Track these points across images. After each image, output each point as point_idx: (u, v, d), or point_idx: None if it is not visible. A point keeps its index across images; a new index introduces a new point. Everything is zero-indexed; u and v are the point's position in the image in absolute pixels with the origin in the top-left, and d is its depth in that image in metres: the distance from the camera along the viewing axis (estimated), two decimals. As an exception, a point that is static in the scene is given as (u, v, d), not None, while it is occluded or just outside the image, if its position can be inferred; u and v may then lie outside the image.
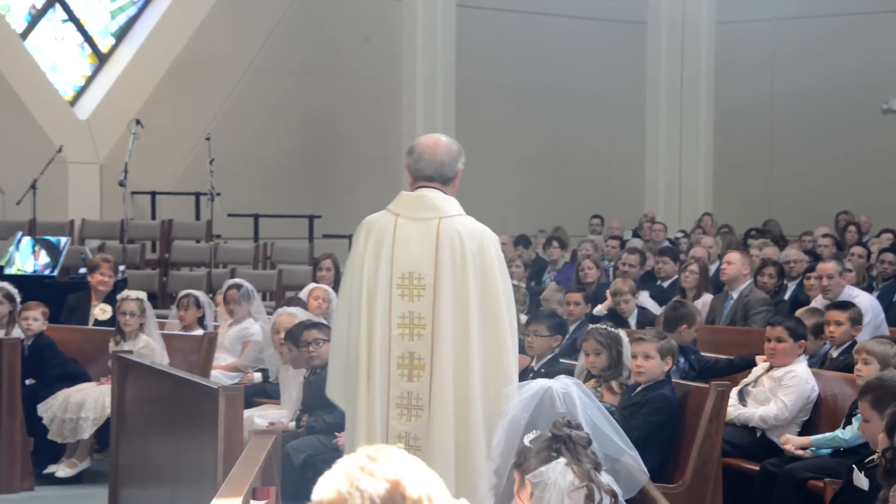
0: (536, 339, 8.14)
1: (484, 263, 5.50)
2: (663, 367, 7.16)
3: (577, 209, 20.83)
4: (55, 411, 9.84)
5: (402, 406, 5.43)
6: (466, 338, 5.39)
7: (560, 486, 4.03)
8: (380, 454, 2.36)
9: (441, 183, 5.68)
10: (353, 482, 2.31)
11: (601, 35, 22.27)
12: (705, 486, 6.86)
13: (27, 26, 18.22)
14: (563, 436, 4.10)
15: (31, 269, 13.41)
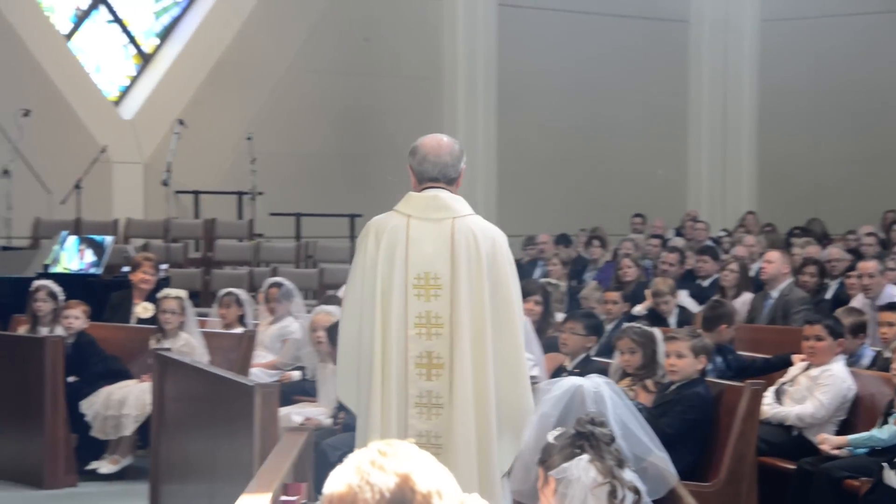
0: (572, 336, 8.14)
1: (496, 262, 5.58)
2: (696, 365, 7.16)
3: (618, 208, 20.78)
4: (98, 408, 9.95)
5: (422, 405, 5.47)
6: (483, 336, 5.45)
7: (583, 483, 4.05)
8: (390, 449, 2.39)
9: (446, 183, 5.72)
10: (364, 476, 2.34)
11: (643, 34, 22.21)
12: (739, 485, 6.86)
13: (72, 27, 18.39)
14: (587, 433, 4.13)
15: (76, 267, 13.53)
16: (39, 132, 16.57)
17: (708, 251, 13.47)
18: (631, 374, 7.60)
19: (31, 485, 9.55)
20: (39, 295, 10.60)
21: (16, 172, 15.66)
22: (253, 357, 10.41)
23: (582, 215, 20.40)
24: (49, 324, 10.52)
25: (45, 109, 16.79)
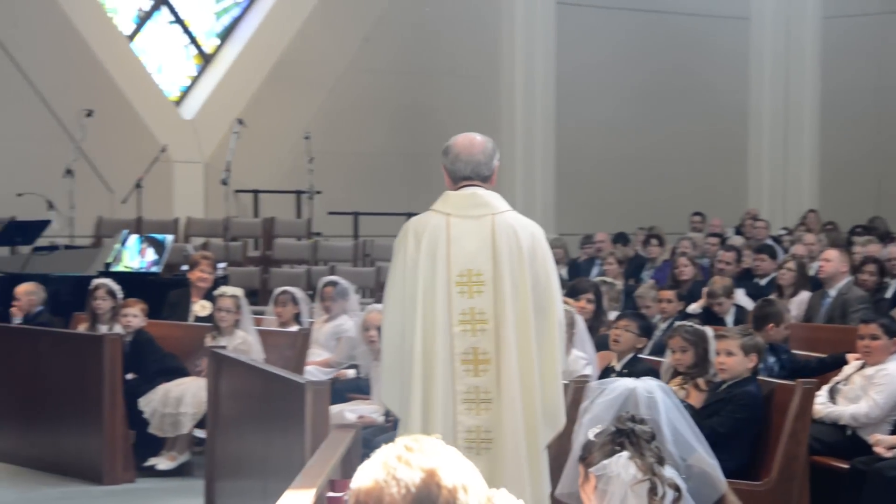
0: (625, 334, 8.10)
1: (536, 257, 5.61)
2: (747, 363, 7.12)
3: (678, 206, 20.71)
4: (155, 405, 10.05)
5: (470, 401, 5.50)
6: (527, 330, 5.51)
7: (623, 479, 4.06)
8: (417, 444, 2.42)
9: (480, 181, 5.74)
10: (390, 471, 2.37)
11: (704, 31, 22.11)
12: (791, 484, 6.82)
13: (134, 28, 18.57)
14: (627, 430, 4.13)
15: (137, 265, 13.67)
16: (102, 132, 16.76)
17: (765, 250, 13.39)
18: (682, 373, 7.58)
19: (90, 480, 9.66)
20: (98, 293, 10.72)
21: (79, 172, 15.84)
22: (308, 355, 10.50)
23: (641, 214, 20.34)
24: (108, 322, 10.64)
25: (108, 110, 16.98)
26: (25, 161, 16.56)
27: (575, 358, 7.73)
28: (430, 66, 20.03)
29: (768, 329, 8.68)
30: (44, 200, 15.03)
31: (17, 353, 10.44)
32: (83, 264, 13.59)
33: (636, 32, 21.52)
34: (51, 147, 16.58)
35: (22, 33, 16.85)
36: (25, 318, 11.32)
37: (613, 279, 12.50)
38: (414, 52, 19.90)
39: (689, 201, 20.81)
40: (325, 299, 10.97)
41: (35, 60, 16.95)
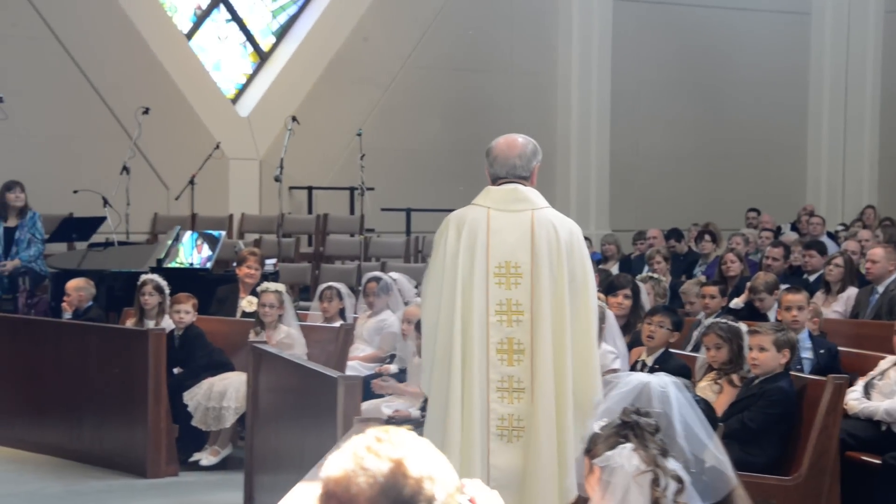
0: (660, 330, 8.11)
1: (573, 252, 5.74)
2: (780, 359, 7.12)
3: (735, 203, 20.62)
4: (199, 399, 10.15)
5: (503, 389, 5.62)
6: (562, 323, 5.63)
7: (626, 471, 4.07)
8: (386, 435, 2.45)
9: (520, 181, 5.93)
10: (359, 461, 2.41)
11: (763, 27, 21.98)
12: (821, 479, 6.80)
13: (192, 26, 18.75)
14: (632, 422, 4.15)
15: (195, 261, 13.83)
16: (159, 130, 16.93)
17: (815, 246, 13.30)
18: (717, 369, 7.58)
19: (134, 474, 9.77)
20: (146, 289, 10.85)
21: (135, 169, 16.01)
22: (352, 350, 10.59)
23: (696, 210, 20.26)
24: (155, 317, 10.78)
25: (165, 107, 17.16)
26: (83, 158, 16.78)
27: (604, 352, 7.75)
28: (485, 62, 20.06)
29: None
30: (100, 197, 15.21)
31: (66, 348, 10.58)
32: (137, 260, 13.75)
33: (693, 28, 21.43)
34: (108, 144, 16.77)
35: (81, 32, 17.07)
36: (76, 313, 11.48)
37: (660, 275, 12.45)
38: (469, 48, 19.94)
39: (746, 197, 20.72)
40: (368, 295, 11.04)
41: (94, 58, 17.16)
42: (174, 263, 13.70)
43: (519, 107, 20.18)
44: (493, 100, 20.05)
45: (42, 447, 10.50)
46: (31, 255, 13.91)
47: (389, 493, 2.38)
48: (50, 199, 15.52)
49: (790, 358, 7.17)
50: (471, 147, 19.78)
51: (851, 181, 22.59)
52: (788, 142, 22.47)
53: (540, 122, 20.48)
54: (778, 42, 22.15)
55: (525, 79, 20.33)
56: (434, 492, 2.41)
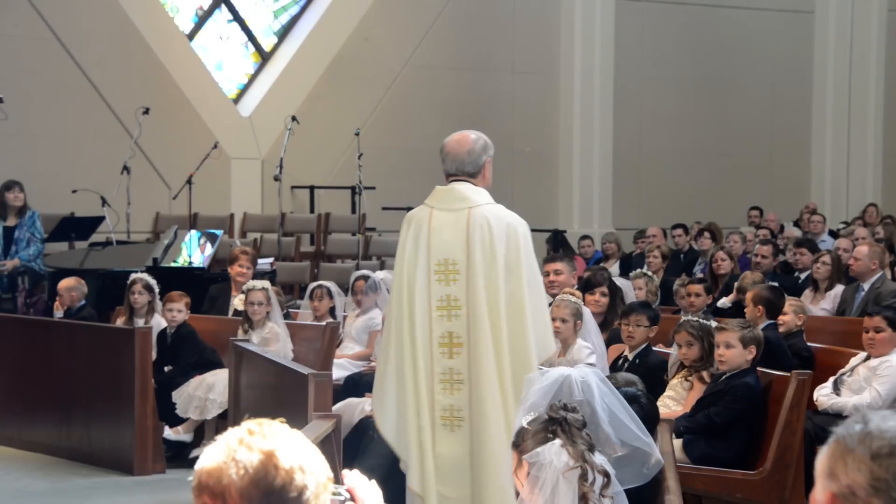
0: (638, 329, 8.18)
1: (510, 247, 5.88)
2: (746, 355, 7.17)
3: (738, 201, 20.63)
4: (188, 391, 10.26)
5: (445, 381, 5.84)
6: (497, 315, 5.80)
7: (555, 466, 4.14)
8: (259, 428, 2.51)
9: (467, 177, 6.11)
10: (231, 453, 2.47)
11: (766, 25, 21.99)
12: (786, 473, 6.85)
13: (194, 27, 18.83)
14: (559, 418, 4.21)
15: (198, 260, 13.91)
16: (160, 129, 17.03)
17: (805, 244, 13.32)
18: (689, 366, 7.63)
19: (121, 471, 9.85)
20: (136, 288, 10.94)
21: (136, 169, 16.09)
22: (342, 348, 10.66)
23: (700, 209, 20.27)
24: (144, 315, 10.87)
25: (166, 107, 17.25)
26: (83, 158, 16.87)
27: (579, 347, 7.81)
28: (487, 62, 20.11)
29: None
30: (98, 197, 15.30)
31: (55, 347, 10.67)
32: (135, 260, 13.83)
33: (696, 27, 21.46)
34: (109, 144, 16.86)
35: (83, 32, 17.16)
36: (68, 312, 11.58)
37: (654, 273, 12.49)
38: (471, 48, 19.99)
39: (750, 196, 20.74)
40: (356, 293, 11.09)
41: (95, 59, 17.25)
42: (176, 262, 13.80)
43: (521, 106, 20.23)
44: (496, 99, 20.10)
45: (32, 445, 10.59)
46: (31, 254, 14.02)
47: (260, 484, 2.44)
48: (50, 199, 15.63)
49: (756, 354, 7.21)
50: (473, 146, 19.88)
51: (855, 179, 22.58)
52: (792, 140, 22.47)
53: (542, 122, 20.55)
54: (781, 40, 22.15)
55: (527, 78, 20.38)
56: (305, 482, 2.47)
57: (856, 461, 2.23)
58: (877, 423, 2.26)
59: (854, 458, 2.24)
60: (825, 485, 2.27)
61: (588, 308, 8.40)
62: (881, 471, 2.21)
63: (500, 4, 20.18)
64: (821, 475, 2.29)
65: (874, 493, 2.21)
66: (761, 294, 9.05)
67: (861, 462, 2.23)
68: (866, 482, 2.22)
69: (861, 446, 2.24)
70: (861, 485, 2.22)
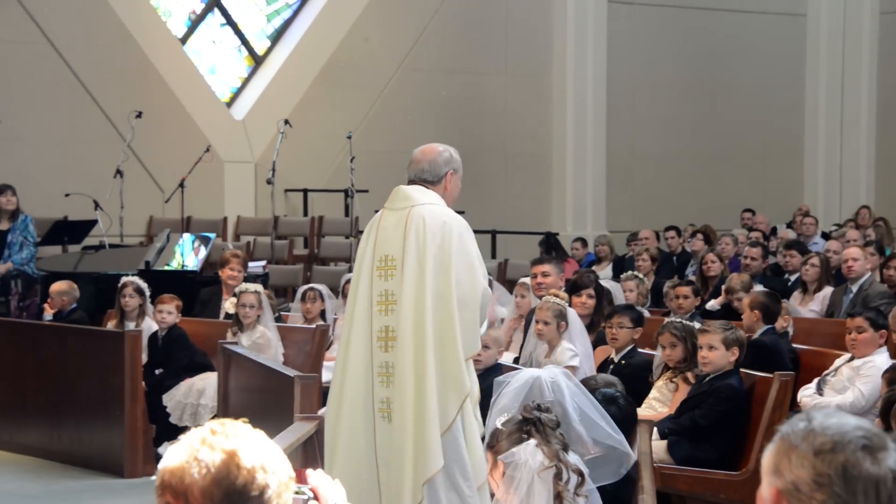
0: (621, 331, 8.23)
1: (442, 244, 6.01)
2: (729, 357, 7.22)
3: (732, 204, 20.68)
4: (179, 397, 10.31)
5: (383, 374, 6.02)
6: (423, 311, 5.95)
7: (530, 466, 4.19)
8: (222, 428, 2.56)
9: (426, 185, 6.27)
10: (193, 453, 2.51)
11: (758, 28, 22.04)
12: (768, 475, 6.87)
13: (186, 31, 18.87)
14: (533, 418, 4.26)
15: (192, 264, 13.95)
16: (153, 133, 17.08)
17: (795, 245, 13.37)
18: (672, 368, 7.67)
19: (112, 473, 9.90)
20: (126, 291, 11.00)
21: (130, 172, 16.13)
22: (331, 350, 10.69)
23: (694, 211, 20.32)
24: (136, 318, 10.92)
25: (160, 111, 17.29)
26: (76, 162, 16.91)
27: (563, 349, 7.86)
28: (480, 64, 20.15)
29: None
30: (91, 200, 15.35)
31: (46, 350, 10.71)
32: (128, 263, 13.87)
33: (689, 29, 21.51)
34: (102, 148, 16.90)
35: (75, 36, 17.19)
36: (59, 315, 11.62)
37: (644, 276, 12.53)
38: (464, 51, 20.03)
39: (743, 198, 20.79)
40: (345, 296, 11.11)
41: (88, 62, 17.28)
42: (170, 266, 13.83)
43: (514, 109, 20.28)
44: (489, 102, 20.15)
45: (24, 448, 10.65)
46: (24, 257, 14.08)
47: (222, 483, 2.49)
48: (43, 203, 15.68)
49: (739, 355, 7.25)
50: (466, 149, 19.78)
51: (848, 181, 22.61)
52: (785, 142, 22.53)
53: (536, 124, 20.59)
54: (774, 43, 22.20)
55: (520, 81, 20.42)
56: (267, 481, 2.52)
57: (799, 457, 2.29)
58: (820, 421, 2.31)
59: (798, 454, 2.29)
60: (770, 481, 2.33)
61: (575, 310, 8.45)
62: (824, 466, 2.26)
63: (493, 7, 20.22)
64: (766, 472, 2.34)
65: (817, 488, 2.26)
66: (758, 299, 9.08)
67: (804, 458, 2.28)
68: (809, 478, 2.27)
69: (804, 443, 2.29)
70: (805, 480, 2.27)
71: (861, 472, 2.25)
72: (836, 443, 2.28)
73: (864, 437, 2.29)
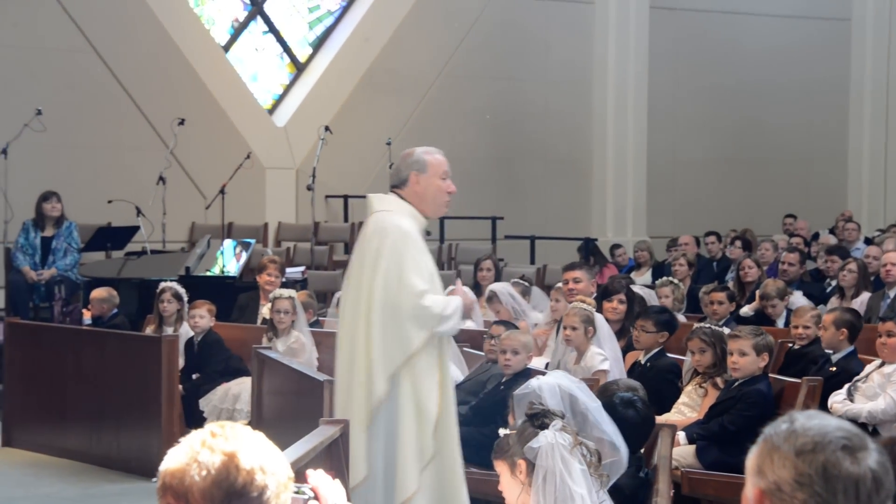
0: (643, 334, 8.27)
1: (377, 251, 6.18)
2: (759, 362, 7.22)
3: (774, 209, 20.62)
4: (215, 403, 10.39)
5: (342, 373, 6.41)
6: (354, 316, 6.24)
7: (563, 444, 4.15)
8: (221, 430, 2.61)
9: (395, 187, 6.43)
10: (193, 455, 2.57)
11: (802, 33, 21.95)
12: (797, 481, 6.86)
13: (230, 39, 18.99)
14: (540, 412, 4.25)
15: (233, 269, 14.05)
16: (196, 140, 17.20)
17: (836, 251, 13.31)
18: (702, 373, 7.68)
19: (149, 477, 9.94)
20: (165, 296, 11.11)
21: (172, 179, 16.26)
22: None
23: (735, 217, 20.27)
24: (174, 323, 11.02)
25: (202, 118, 17.41)
26: (120, 168, 17.04)
27: (592, 354, 7.89)
28: (521, 71, 20.17)
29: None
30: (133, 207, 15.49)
31: (85, 355, 10.83)
32: (170, 269, 13.99)
33: (733, 35, 21.43)
34: (145, 155, 17.04)
35: (120, 44, 17.33)
36: (99, 321, 11.75)
37: (679, 281, 12.51)
38: (505, 57, 20.06)
39: (786, 203, 20.72)
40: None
41: (132, 70, 17.42)
42: (211, 271, 13.94)
43: (555, 115, 20.29)
44: (530, 108, 20.16)
45: (64, 452, 10.75)
46: (67, 263, 14.24)
47: (222, 484, 2.54)
48: (86, 209, 15.82)
49: (768, 361, 7.25)
50: (506, 156, 20.00)
51: (893, 186, 22.48)
52: (829, 147, 22.42)
53: (576, 130, 20.59)
54: (818, 48, 22.10)
55: (561, 87, 20.43)
56: (266, 482, 2.57)
57: (781, 458, 2.32)
58: (802, 422, 2.35)
59: (780, 455, 2.32)
60: (754, 481, 2.36)
61: (606, 315, 8.47)
62: (805, 466, 2.30)
63: (534, 14, 20.24)
64: (750, 473, 2.38)
65: (798, 487, 2.30)
66: (843, 317, 8.64)
67: (786, 459, 2.32)
68: (791, 477, 2.30)
69: (786, 444, 2.33)
70: (786, 480, 2.31)
71: (841, 472, 2.29)
72: (816, 443, 2.31)
73: (845, 437, 2.32)
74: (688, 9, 21.22)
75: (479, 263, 13.08)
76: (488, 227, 18.04)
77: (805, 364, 8.63)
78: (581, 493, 4.07)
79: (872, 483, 2.29)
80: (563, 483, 4.08)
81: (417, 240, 6.25)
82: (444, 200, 6.41)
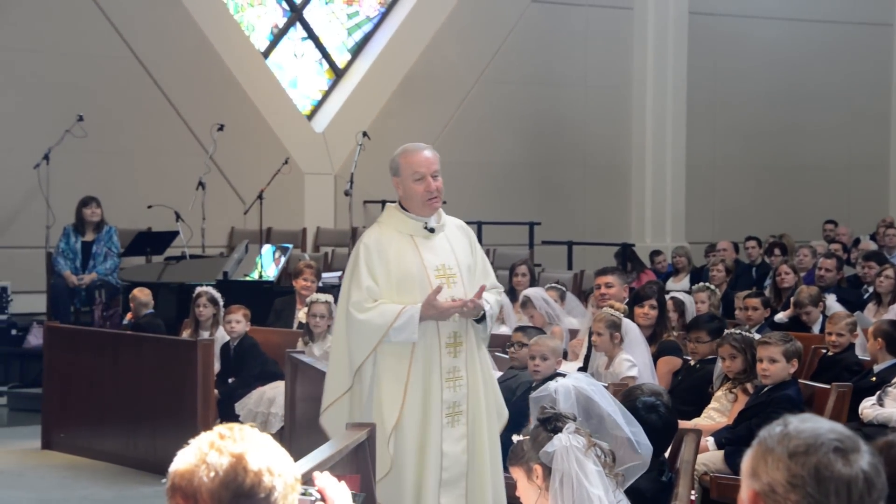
0: (699, 346, 8.31)
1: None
2: (789, 369, 7.22)
3: (814, 215, 20.53)
4: (250, 406, 10.46)
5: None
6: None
7: (577, 446, 4.18)
8: (230, 432, 2.66)
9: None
10: (202, 456, 2.62)
11: (841, 38, 21.85)
12: (826, 487, 6.85)
13: (269, 45, 19.11)
14: (552, 416, 4.28)
15: (272, 274, 14.15)
16: (235, 146, 17.32)
17: (874, 256, 13.25)
18: (732, 379, 7.68)
19: (185, 479, 10.04)
20: (201, 301, 11.19)
21: (212, 184, 16.37)
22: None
23: (775, 222, 20.20)
24: (209, 328, 11.10)
25: (241, 124, 17.52)
26: (159, 174, 17.17)
27: (620, 360, 7.90)
28: (559, 77, 20.19)
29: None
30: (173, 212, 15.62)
31: (123, 358, 10.94)
32: (208, 273, 14.10)
33: (772, 40, 21.37)
34: (185, 160, 17.16)
35: (160, 50, 17.47)
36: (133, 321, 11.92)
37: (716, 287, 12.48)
38: (543, 63, 20.08)
39: (826, 209, 20.63)
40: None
41: (172, 76, 17.56)
42: (250, 276, 14.03)
43: (593, 121, 20.29)
44: (568, 114, 20.17)
45: (101, 454, 10.86)
46: (108, 268, 14.38)
47: (230, 485, 2.59)
48: (126, 214, 15.96)
49: (798, 367, 7.24)
50: (544, 161, 20.02)
51: (936, 192, 22.35)
52: (870, 152, 22.30)
53: (614, 136, 20.58)
54: (859, 53, 21.99)
55: (600, 92, 20.43)
56: (274, 484, 2.61)
57: (775, 460, 2.35)
58: (795, 425, 2.38)
59: (773, 457, 2.36)
60: (748, 483, 2.39)
61: (636, 320, 8.48)
62: (798, 468, 2.33)
63: (573, 19, 20.24)
64: (745, 475, 2.41)
65: (791, 489, 2.33)
66: (882, 327, 8.59)
67: (780, 461, 2.35)
68: (784, 479, 2.34)
69: (780, 446, 2.36)
70: (780, 482, 2.34)
71: (833, 473, 2.33)
72: (809, 445, 2.35)
73: (837, 439, 2.35)
74: (727, 14, 21.17)
75: (514, 268, 13.09)
76: (526, 233, 18.05)
77: (838, 371, 8.60)
78: (598, 495, 4.09)
79: (864, 484, 2.32)
80: (580, 485, 4.11)
81: (373, 251, 6.34)
82: (425, 200, 6.38)
